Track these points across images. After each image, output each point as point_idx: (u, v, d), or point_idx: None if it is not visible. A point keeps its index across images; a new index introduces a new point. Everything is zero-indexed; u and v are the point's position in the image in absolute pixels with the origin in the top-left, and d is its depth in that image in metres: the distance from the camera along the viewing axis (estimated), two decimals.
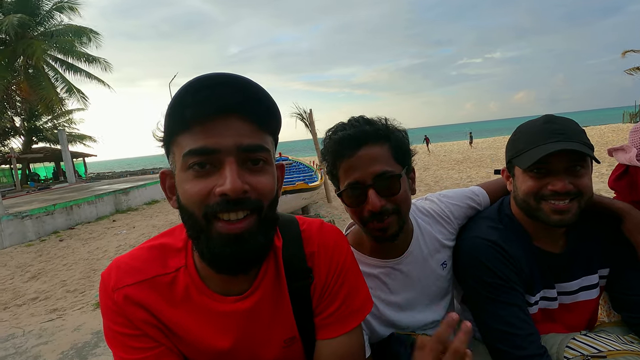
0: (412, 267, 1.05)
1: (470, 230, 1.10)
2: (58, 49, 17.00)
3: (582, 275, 1.05)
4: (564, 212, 0.93)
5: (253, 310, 0.75)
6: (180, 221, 0.69)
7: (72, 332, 3.35)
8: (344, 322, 0.79)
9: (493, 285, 0.97)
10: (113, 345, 0.72)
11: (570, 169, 0.92)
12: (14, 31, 14.67)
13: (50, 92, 15.99)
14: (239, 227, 0.63)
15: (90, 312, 3.81)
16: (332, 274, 0.79)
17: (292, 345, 0.80)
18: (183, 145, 0.63)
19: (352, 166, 0.89)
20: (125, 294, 0.71)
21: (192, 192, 0.63)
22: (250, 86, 0.63)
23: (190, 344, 0.74)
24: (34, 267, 5.82)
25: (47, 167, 28.34)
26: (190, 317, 0.73)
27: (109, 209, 10.41)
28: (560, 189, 0.91)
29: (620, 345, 0.90)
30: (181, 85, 0.62)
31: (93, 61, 17.51)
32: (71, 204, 9.11)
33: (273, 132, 0.69)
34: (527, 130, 1.00)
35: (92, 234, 7.94)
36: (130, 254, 0.77)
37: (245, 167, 0.64)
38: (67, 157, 18.05)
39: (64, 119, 23.72)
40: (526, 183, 0.97)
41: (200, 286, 0.73)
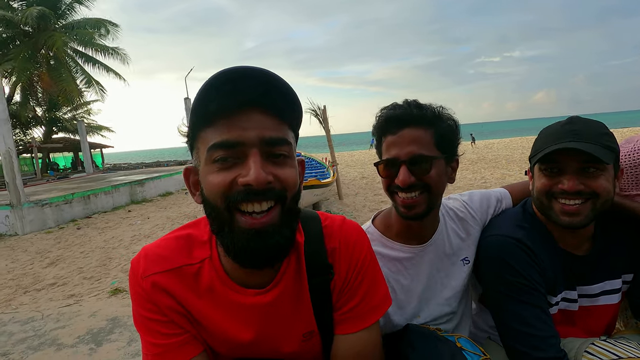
0: (434, 257, 1.07)
1: (494, 228, 1.09)
2: (78, 41, 17.40)
3: (605, 279, 1.03)
4: (574, 215, 0.92)
5: (274, 303, 0.76)
6: (203, 213, 0.70)
7: (88, 318, 3.45)
8: (363, 318, 0.80)
9: (516, 284, 0.96)
10: (141, 330, 0.75)
11: (584, 169, 0.91)
12: (36, 23, 15.07)
13: (70, 84, 16.40)
14: (262, 222, 0.64)
15: (106, 299, 3.91)
16: (352, 270, 0.80)
17: (310, 339, 0.81)
18: (207, 139, 0.64)
19: (393, 143, 0.95)
20: (153, 281, 0.73)
21: (215, 183, 0.64)
22: (273, 79, 0.63)
23: (213, 334, 0.77)
24: (53, 253, 6.01)
25: (66, 157, 29.13)
26: (213, 307, 0.75)
27: (125, 199, 10.64)
28: (569, 189, 0.91)
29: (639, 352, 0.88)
30: (205, 80, 0.62)
31: (112, 53, 17.85)
32: (89, 193, 9.36)
33: (294, 127, 0.70)
34: (547, 130, 1.00)
35: (108, 223, 8.13)
36: (158, 243, 0.79)
37: (268, 160, 0.64)
38: (85, 147, 18.51)
39: (82, 110, 24.31)
40: (540, 180, 0.98)
41: (224, 278, 0.75)
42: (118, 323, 3.28)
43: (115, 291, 4.10)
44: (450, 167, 1.02)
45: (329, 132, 9.58)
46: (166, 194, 12.40)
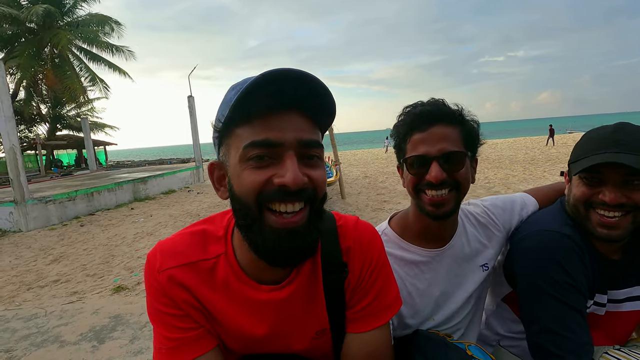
0: (451, 261, 1.05)
1: (539, 224, 1.03)
2: (83, 38, 17.47)
3: (634, 285, 1.00)
4: (612, 228, 0.89)
5: (288, 300, 0.77)
6: (205, 212, 0.70)
7: (91, 315, 3.46)
8: (375, 317, 0.80)
9: (563, 284, 0.91)
10: (156, 323, 0.76)
11: (628, 182, 0.87)
12: (41, 21, 15.14)
13: (75, 81, 16.48)
14: (293, 222, 0.64)
15: (108, 297, 3.93)
16: (366, 269, 0.80)
17: (322, 336, 0.82)
18: (243, 137, 0.64)
19: (423, 140, 0.94)
20: (169, 275, 0.74)
21: (249, 180, 0.64)
22: (316, 83, 0.64)
23: (227, 329, 0.77)
24: (56, 250, 6.04)
25: (69, 154, 29.30)
26: (228, 303, 0.76)
27: (128, 196, 10.68)
28: (610, 201, 0.87)
29: None
30: (248, 78, 0.63)
31: (116, 51, 17.91)
32: (92, 190, 9.39)
33: (324, 129, 0.71)
34: (592, 136, 0.96)
35: (111, 221, 8.16)
36: (174, 238, 0.80)
37: (302, 161, 0.65)
38: (89, 144, 18.60)
39: (86, 108, 24.42)
40: (578, 189, 0.95)
41: (239, 274, 0.76)
42: (120, 321, 3.29)
43: (118, 289, 4.11)
44: (472, 167, 1.02)
45: (332, 131, 9.57)
46: (169, 191, 12.43)
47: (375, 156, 23.67)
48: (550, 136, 22.98)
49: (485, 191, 8.45)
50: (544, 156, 15.70)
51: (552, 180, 9.41)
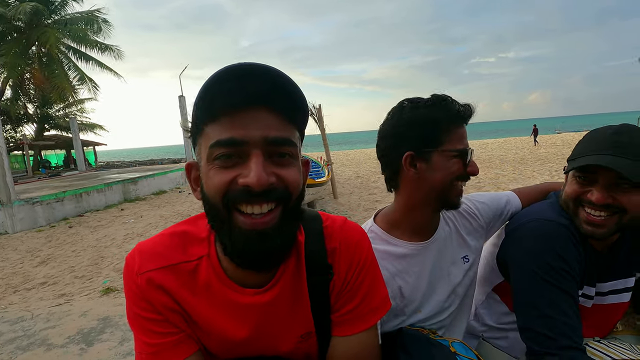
0: (437, 253, 1.07)
1: (533, 214, 1.06)
2: (71, 37, 17.19)
3: (619, 278, 1.03)
4: (597, 226, 0.92)
5: (272, 303, 0.74)
6: (197, 212, 0.69)
7: (79, 318, 3.40)
8: (362, 320, 0.78)
9: (559, 270, 0.93)
10: (135, 328, 0.73)
11: (618, 184, 0.89)
12: (29, 19, 14.86)
13: (63, 81, 16.21)
14: (262, 222, 0.62)
15: (97, 299, 3.87)
16: (352, 271, 0.78)
17: (307, 339, 0.80)
18: (210, 136, 0.62)
19: (463, 135, 0.99)
20: (148, 278, 0.71)
21: (215, 181, 0.62)
22: (280, 77, 0.62)
23: (208, 333, 0.75)
24: (44, 252, 5.94)
25: (58, 154, 28.80)
26: (210, 306, 0.73)
27: (118, 197, 10.55)
28: (596, 201, 0.90)
29: (633, 355, 0.89)
30: (209, 75, 0.61)
31: (105, 49, 17.66)
32: (81, 191, 9.25)
33: (300, 126, 0.68)
34: (593, 135, 0.98)
35: (101, 222, 8.05)
36: (153, 239, 0.77)
37: (271, 160, 0.62)
38: (78, 145, 18.32)
39: (75, 108, 24.05)
40: (571, 186, 0.98)
41: (222, 277, 0.73)
42: (109, 323, 3.24)
43: (107, 290, 4.06)
44: None
45: (324, 131, 9.58)
46: (160, 192, 12.31)
47: (368, 156, 23.76)
48: (534, 135, 23.80)
49: (475, 190, 8.54)
50: (533, 156, 15.92)
51: (541, 179, 9.55)
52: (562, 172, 6.20)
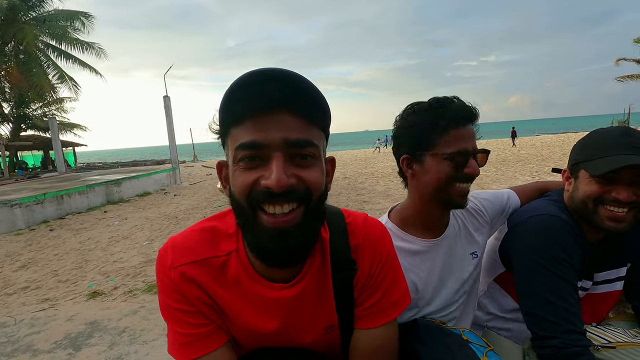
0: (448, 250, 1.11)
1: (538, 209, 1.11)
2: (50, 34, 16.67)
3: (612, 268, 1.10)
4: (621, 221, 0.97)
5: (298, 297, 0.77)
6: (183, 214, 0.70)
7: (65, 322, 3.32)
8: (383, 314, 0.82)
9: (560, 261, 0.99)
10: (168, 319, 0.76)
11: (637, 181, 0.95)
12: (4, 15, 14.34)
13: (42, 79, 15.70)
14: (284, 221, 0.65)
15: (83, 303, 3.78)
16: (375, 266, 0.81)
17: (331, 332, 0.83)
18: (236, 138, 0.65)
19: (462, 136, 0.99)
20: (181, 272, 0.74)
21: (239, 182, 0.65)
22: (299, 81, 0.64)
23: (237, 325, 0.78)
24: (24, 256, 5.73)
25: (35, 155, 27.81)
26: (239, 299, 0.77)
27: (100, 199, 10.28)
28: (624, 199, 0.95)
29: (627, 338, 0.96)
30: (233, 80, 0.64)
31: (86, 47, 17.20)
32: (62, 193, 8.98)
33: (323, 126, 0.71)
34: (602, 138, 1.03)
35: (83, 224, 7.83)
36: (184, 234, 0.80)
37: (293, 161, 0.65)
38: (57, 145, 17.75)
39: (54, 107, 23.30)
40: (590, 187, 1.01)
41: (250, 271, 0.76)
42: (98, 327, 3.18)
43: (94, 294, 3.96)
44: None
45: None
46: (144, 194, 12.06)
47: (355, 157, 23.92)
48: (512, 137, 25.16)
49: None
50: (514, 157, 16.37)
51: (523, 180, 9.83)
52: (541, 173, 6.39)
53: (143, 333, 3.00)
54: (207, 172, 20.07)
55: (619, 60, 23.68)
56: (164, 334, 2.94)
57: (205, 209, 8.83)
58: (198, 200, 10.34)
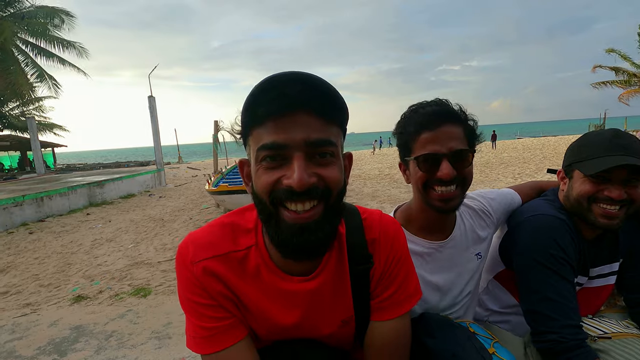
0: (453, 252, 1.13)
1: (536, 209, 1.15)
2: (29, 31, 16.14)
3: (606, 263, 1.16)
4: (613, 218, 1.03)
5: (317, 290, 0.80)
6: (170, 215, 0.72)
7: (49, 327, 3.22)
8: (398, 306, 0.85)
9: (558, 258, 1.04)
10: (188, 313, 0.77)
11: (629, 180, 1.01)
12: None
13: (20, 77, 15.17)
14: (305, 217, 0.67)
15: (67, 307, 3.67)
16: (390, 260, 0.85)
17: (348, 324, 0.86)
18: (257, 139, 0.68)
19: (432, 138, 0.97)
20: (204, 266, 0.76)
21: (262, 181, 0.68)
22: (318, 83, 0.67)
23: (257, 318, 0.80)
24: (3, 260, 5.53)
25: (12, 156, 26.81)
26: (259, 293, 0.78)
27: (82, 201, 10.01)
28: (616, 197, 1.01)
29: (621, 329, 1.01)
30: (255, 84, 0.67)
31: (67, 46, 16.72)
32: (42, 195, 8.70)
33: (341, 124, 0.73)
34: (595, 140, 1.08)
35: (65, 227, 7.61)
36: (204, 230, 0.81)
37: (313, 160, 0.68)
38: (36, 146, 17.18)
39: (33, 106, 22.54)
40: (584, 186, 1.06)
41: (270, 265, 0.78)
42: (83, 331, 3.10)
43: (78, 298, 3.86)
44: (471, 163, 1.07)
45: None
46: (128, 195, 11.81)
47: None
48: (492, 140, 26.44)
49: None
50: (497, 159, 16.77)
51: (506, 182, 10.08)
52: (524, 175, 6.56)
53: (131, 337, 2.94)
54: (192, 173, 19.78)
55: (596, 67, 24.63)
56: (153, 338, 2.89)
57: (191, 211, 8.71)
58: (184, 202, 10.19)
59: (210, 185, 8.69)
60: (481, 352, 0.88)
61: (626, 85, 24.58)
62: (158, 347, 2.75)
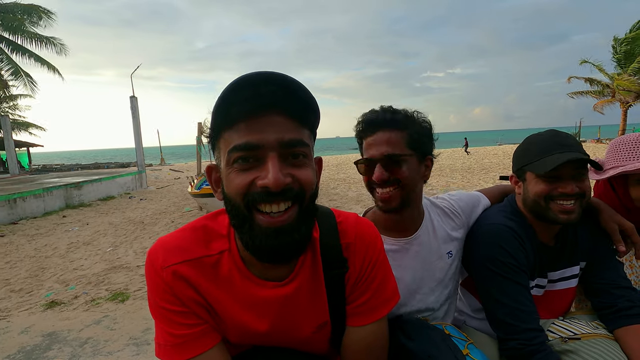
0: (420, 249, 1.15)
1: (488, 219, 1.22)
2: (4, 27, 15.57)
3: (566, 267, 1.20)
4: (571, 212, 1.07)
5: (291, 296, 0.78)
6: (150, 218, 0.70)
7: (20, 335, 3.09)
8: (374, 311, 0.84)
9: (508, 265, 1.09)
10: (159, 320, 0.74)
11: (577, 175, 1.07)
12: None
13: None
14: (280, 220, 0.66)
15: (40, 314, 3.53)
16: (366, 265, 0.83)
17: (323, 329, 0.84)
18: (228, 141, 0.66)
19: (370, 144, 1.06)
20: (174, 271, 0.73)
21: (235, 183, 0.66)
22: (292, 84, 0.66)
23: (229, 324, 0.77)
24: None
25: None
26: (231, 298, 0.76)
27: (59, 203, 9.67)
28: (570, 192, 1.06)
29: (590, 330, 1.04)
30: (226, 85, 0.64)
31: (45, 43, 16.20)
32: (15, 196, 8.36)
33: (312, 127, 0.73)
34: (538, 142, 1.14)
35: (39, 230, 7.33)
36: (174, 234, 0.79)
37: (286, 161, 0.67)
38: (10, 145, 16.53)
39: (7, 104, 21.70)
40: (538, 186, 1.11)
41: (243, 270, 0.76)
42: (56, 338, 2.98)
43: (52, 304, 3.71)
44: (424, 166, 1.11)
45: None
46: (108, 198, 11.49)
47: (326, 163, 24.09)
48: (465, 146, 27.55)
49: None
50: (479, 165, 17.18)
51: (487, 187, 10.32)
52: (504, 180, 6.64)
53: (107, 344, 2.85)
54: (175, 175, 19.42)
55: (571, 78, 25.64)
56: (130, 344, 2.81)
57: (173, 214, 8.54)
58: (166, 205, 9.98)
59: (193, 187, 8.56)
60: (455, 353, 0.90)
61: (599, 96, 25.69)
62: (136, 353, 2.67)
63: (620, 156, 1.22)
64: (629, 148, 1.20)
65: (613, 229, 1.16)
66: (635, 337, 1.01)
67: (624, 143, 1.23)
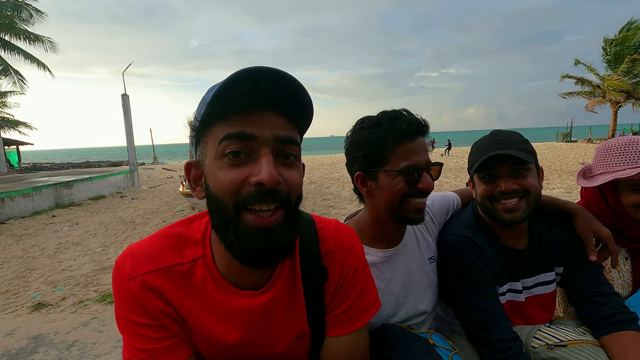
0: (407, 258, 1.13)
1: (448, 229, 1.22)
2: None
3: (541, 272, 1.18)
4: (514, 211, 1.07)
5: (268, 305, 0.75)
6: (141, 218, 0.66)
7: (5, 337, 3.02)
8: (354, 320, 0.81)
9: (470, 277, 1.08)
10: (125, 334, 0.70)
11: (515, 172, 1.07)
12: None
13: None
14: (269, 221, 0.63)
15: (26, 316, 3.47)
16: (346, 273, 0.80)
17: (301, 340, 0.81)
18: (219, 133, 0.62)
19: (413, 150, 0.97)
20: (142, 281, 0.69)
21: (225, 180, 0.62)
22: (293, 83, 0.63)
23: (201, 336, 0.73)
24: None
25: None
26: (204, 308, 0.72)
27: (48, 203, 9.52)
28: (505, 189, 1.06)
29: (577, 336, 1.03)
30: (226, 77, 0.61)
31: (35, 40, 15.93)
32: (3, 196, 8.21)
33: (301, 130, 0.70)
34: (478, 144, 1.16)
35: (27, 230, 7.22)
36: (145, 241, 0.74)
37: (278, 160, 0.64)
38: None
39: None
40: (481, 187, 1.13)
41: (218, 278, 0.72)
42: (42, 341, 2.93)
43: (38, 306, 3.65)
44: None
45: None
46: (99, 197, 11.34)
47: (321, 162, 24.06)
48: (447, 148, 27.72)
49: None
50: None
51: None
52: None
53: (95, 346, 2.80)
54: (168, 175, 19.26)
55: (564, 77, 25.91)
56: (118, 347, 2.77)
57: (165, 214, 8.46)
58: (158, 205, 9.89)
59: (184, 187, 8.48)
60: None
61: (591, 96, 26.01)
62: None
63: (610, 161, 1.20)
64: (619, 153, 1.18)
65: (588, 237, 1.14)
66: (619, 345, 1.00)
67: (612, 148, 1.21)
